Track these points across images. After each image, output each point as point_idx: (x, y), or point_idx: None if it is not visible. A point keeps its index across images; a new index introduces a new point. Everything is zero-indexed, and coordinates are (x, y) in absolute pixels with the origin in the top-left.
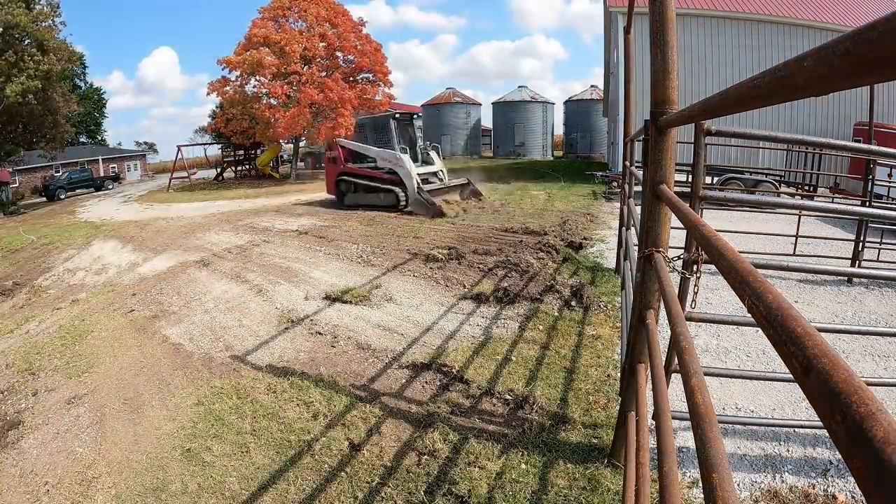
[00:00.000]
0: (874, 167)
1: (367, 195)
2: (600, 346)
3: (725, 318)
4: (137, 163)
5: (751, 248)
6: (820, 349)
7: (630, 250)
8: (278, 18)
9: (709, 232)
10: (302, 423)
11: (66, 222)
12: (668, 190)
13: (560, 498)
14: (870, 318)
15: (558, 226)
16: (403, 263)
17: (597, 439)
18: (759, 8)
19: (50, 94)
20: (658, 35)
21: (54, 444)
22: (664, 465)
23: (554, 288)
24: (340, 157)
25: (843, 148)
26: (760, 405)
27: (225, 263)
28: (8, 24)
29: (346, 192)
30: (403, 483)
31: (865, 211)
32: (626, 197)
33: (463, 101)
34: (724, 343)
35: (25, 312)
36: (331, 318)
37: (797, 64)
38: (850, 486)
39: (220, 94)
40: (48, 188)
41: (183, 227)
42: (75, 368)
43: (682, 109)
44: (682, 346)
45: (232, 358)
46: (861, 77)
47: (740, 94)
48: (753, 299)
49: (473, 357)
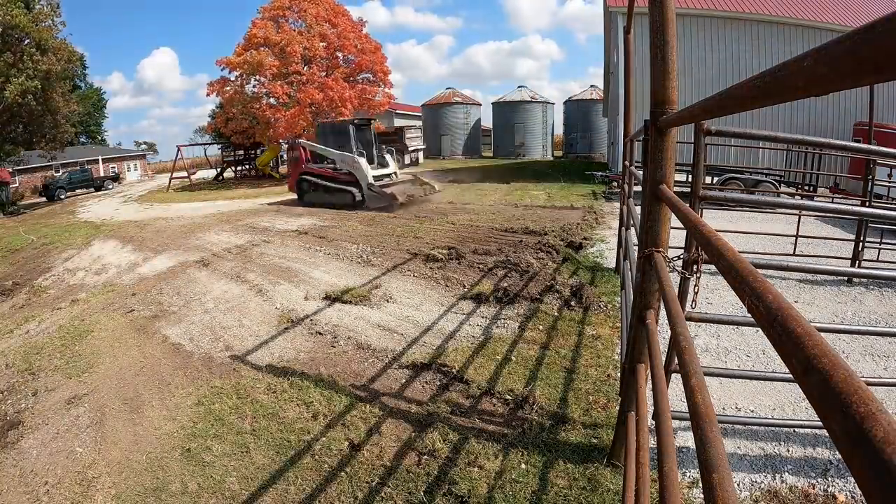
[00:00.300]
0: (874, 167)
1: (325, 194)
2: (600, 346)
3: (725, 318)
4: (137, 163)
5: (751, 248)
6: (820, 349)
7: (630, 250)
8: (278, 19)
9: (709, 232)
10: (302, 423)
11: (65, 222)
12: (668, 190)
13: (560, 498)
14: (870, 318)
15: (558, 226)
16: (403, 263)
17: (597, 439)
18: (759, 8)
19: (50, 94)
20: (658, 35)
21: (54, 444)
22: (664, 465)
23: (554, 288)
24: (303, 157)
25: (843, 148)
26: (760, 405)
27: (225, 263)
28: (7, 24)
29: (307, 191)
30: (403, 483)
31: (865, 211)
32: (625, 197)
33: (463, 101)
34: (724, 343)
35: (25, 312)
36: (331, 318)
37: (797, 64)
38: (850, 486)
39: (220, 95)
40: (48, 188)
41: (183, 227)
42: (75, 368)
43: (682, 109)
44: (682, 346)
45: (232, 358)
46: (861, 77)
47: (740, 94)
48: (753, 299)
49: (473, 357)
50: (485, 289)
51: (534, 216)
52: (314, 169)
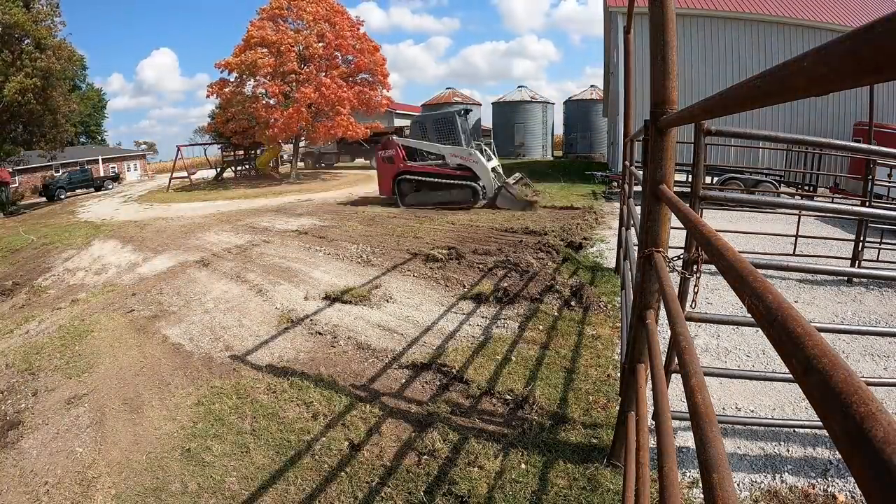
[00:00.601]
0: (874, 167)
1: (433, 193)
2: (600, 346)
3: (725, 318)
4: (137, 163)
5: (751, 248)
6: (820, 349)
7: (630, 250)
8: (276, 19)
9: (709, 232)
10: (302, 423)
11: (65, 222)
12: (668, 190)
13: (560, 498)
14: (870, 318)
15: (558, 226)
16: (403, 263)
17: (596, 439)
18: (759, 8)
19: (49, 94)
20: (658, 35)
21: (54, 444)
22: (664, 465)
23: (554, 288)
24: (398, 156)
25: (843, 148)
26: (760, 405)
27: (225, 263)
28: (6, 23)
29: (408, 192)
30: (403, 483)
31: (865, 211)
32: (626, 197)
33: (463, 100)
34: (724, 343)
35: (25, 312)
36: (331, 318)
37: (797, 64)
38: (850, 486)
39: (220, 96)
40: (48, 188)
41: (183, 226)
42: (75, 368)
43: (682, 109)
44: (682, 346)
45: (232, 358)
46: (861, 77)
47: (740, 94)
48: (753, 299)
49: (473, 357)
50: (485, 289)
51: (534, 216)
52: (416, 167)
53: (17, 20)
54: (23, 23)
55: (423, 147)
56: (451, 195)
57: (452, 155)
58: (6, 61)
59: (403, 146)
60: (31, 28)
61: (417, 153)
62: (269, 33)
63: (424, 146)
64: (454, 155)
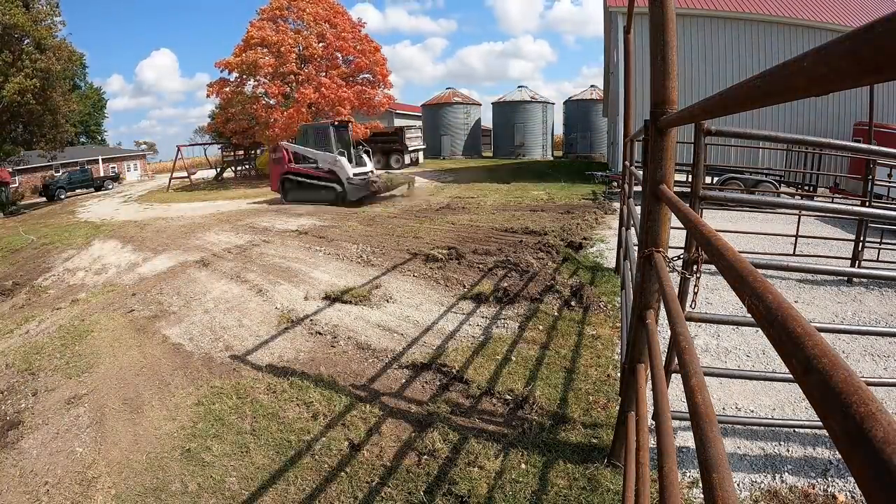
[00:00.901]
0: (874, 167)
1: (308, 191)
2: (600, 346)
3: (725, 318)
4: (137, 163)
5: (751, 248)
6: (820, 349)
7: (630, 250)
8: (276, 19)
9: (709, 232)
10: (302, 423)
11: (65, 222)
12: (668, 190)
13: (560, 498)
14: (870, 318)
15: (558, 226)
16: (403, 263)
17: (596, 439)
18: (759, 8)
19: (49, 94)
20: (658, 35)
21: (54, 444)
22: (664, 464)
23: (554, 288)
24: (285, 158)
25: (843, 148)
26: (760, 405)
27: (225, 263)
28: (6, 23)
29: (290, 190)
30: (403, 483)
31: (865, 211)
32: (626, 197)
33: (463, 101)
34: (724, 343)
35: (25, 312)
36: (331, 318)
37: (797, 64)
38: (850, 486)
39: (220, 96)
40: (48, 188)
41: (183, 227)
42: (75, 368)
43: (682, 109)
44: (682, 346)
45: (232, 358)
46: (861, 77)
47: (740, 94)
48: (753, 299)
49: (473, 357)
50: (485, 289)
51: (534, 216)
52: (297, 168)
53: (16, 20)
54: (23, 23)
55: (304, 152)
56: (320, 194)
57: (323, 160)
58: (6, 62)
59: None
60: (30, 28)
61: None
62: (270, 34)
63: (304, 151)
64: (324, 160)
